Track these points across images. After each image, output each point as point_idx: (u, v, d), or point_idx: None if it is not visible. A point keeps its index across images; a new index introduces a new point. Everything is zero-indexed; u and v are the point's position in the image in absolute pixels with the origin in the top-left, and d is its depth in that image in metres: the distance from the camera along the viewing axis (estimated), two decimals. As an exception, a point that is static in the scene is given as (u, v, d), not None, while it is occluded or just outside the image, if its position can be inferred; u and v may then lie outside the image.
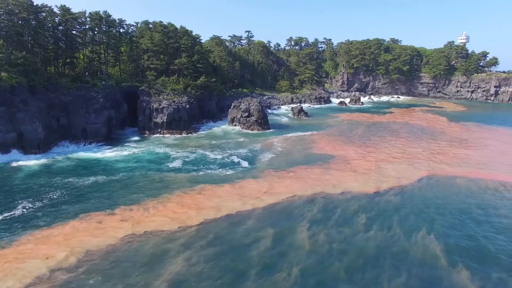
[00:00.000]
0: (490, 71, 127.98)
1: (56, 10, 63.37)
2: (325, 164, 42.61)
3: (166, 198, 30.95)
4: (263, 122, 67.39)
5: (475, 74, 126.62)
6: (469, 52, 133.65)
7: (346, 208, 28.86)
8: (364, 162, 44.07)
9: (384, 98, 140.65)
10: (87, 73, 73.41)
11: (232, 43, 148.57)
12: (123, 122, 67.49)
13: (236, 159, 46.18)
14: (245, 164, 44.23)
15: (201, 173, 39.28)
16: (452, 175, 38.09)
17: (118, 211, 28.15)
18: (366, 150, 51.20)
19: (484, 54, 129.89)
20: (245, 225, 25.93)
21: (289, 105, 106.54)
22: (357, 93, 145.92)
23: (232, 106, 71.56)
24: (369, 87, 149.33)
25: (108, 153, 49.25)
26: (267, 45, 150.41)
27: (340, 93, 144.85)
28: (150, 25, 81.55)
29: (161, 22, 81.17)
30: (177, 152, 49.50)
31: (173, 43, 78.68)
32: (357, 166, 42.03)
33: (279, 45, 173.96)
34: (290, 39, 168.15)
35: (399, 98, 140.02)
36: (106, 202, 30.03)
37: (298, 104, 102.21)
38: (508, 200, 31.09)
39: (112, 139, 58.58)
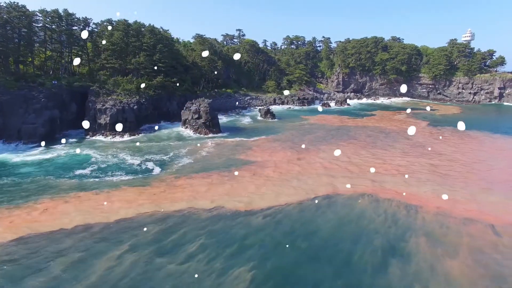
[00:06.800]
0: (496, 71, 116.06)
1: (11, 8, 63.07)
2: (232, 172, 38.43)
3: (30, 206, 29.31)
4: (212, 125, 63.78)
5: (478, 75, 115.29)
6: (474, 50, 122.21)
7: (191, 230, 24.99)
8: (283, 170, 39.73)
9: (381, 100, 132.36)
10: (51, 72, 73.00)
11: (223, 43, 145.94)
12: (74, 122, 66.31)
13: (150, 165, 43.43)
14: (156, 170, 41.47)
15: (97, 179, 37.00)
16: (360, 193, 32.89)
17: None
18: (300, 156, 46.57)
19: (491, 53, 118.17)
20: (63, 244, 22.90)
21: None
22: (351, 94, 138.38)
23: (184, 107, 68.63)
24: (366, 88, 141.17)
25: (28, 156, 47.95)
26: (260, 43, 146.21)
27: (335, 94, 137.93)
28: (114, 23, 79.98)
29: (126, 20, 79.56)
30: (98, 156, 47.44)
31: (134, 42, 76.86)
32: (270, 175, 37.84)
33: (275, 44, 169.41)
34: (286, 38, 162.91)
35: (397, 99, 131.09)
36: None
37: (266, 106, 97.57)
38: (394, 232, 25.54)
39: (53, 140, 57.35)
